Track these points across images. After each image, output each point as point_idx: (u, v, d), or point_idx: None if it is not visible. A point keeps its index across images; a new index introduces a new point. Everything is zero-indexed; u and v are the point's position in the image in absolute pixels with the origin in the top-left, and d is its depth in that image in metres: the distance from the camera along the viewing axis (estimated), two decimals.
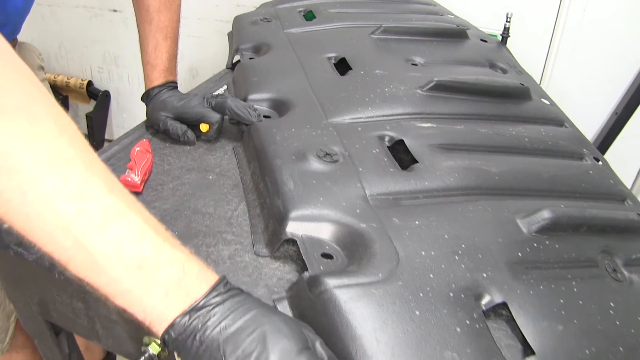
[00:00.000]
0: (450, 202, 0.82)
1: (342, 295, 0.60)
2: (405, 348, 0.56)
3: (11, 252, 0.77)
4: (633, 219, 0.92)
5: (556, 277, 0.73)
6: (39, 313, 0.85)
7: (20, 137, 0.50)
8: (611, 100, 2.04)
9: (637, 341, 0.70)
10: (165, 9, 1.10)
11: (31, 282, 0.81)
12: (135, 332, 0.73)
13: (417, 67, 1.26)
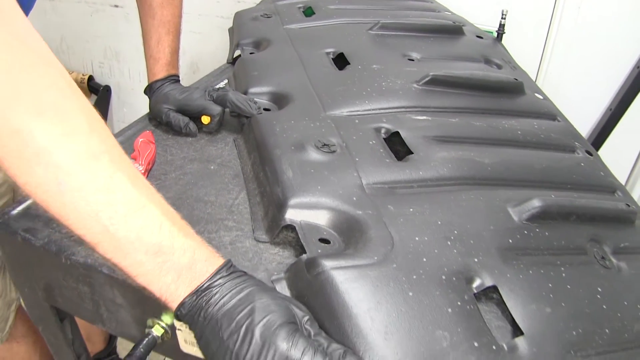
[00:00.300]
0: (443, 191, 0.85)
1: (338, 276, 0.63)
2: (399, 327, 0.59)
3: (19, 238, 0.80)
4: (622, 209, 0.95)
5: (545, 263, 0.76)
6: (45, 298, 0.88)
7: (58, 135, 0.56)
8: (606, 96, 2.07)
9: (622, 324, 0.73)
10: (167, 4, 1.12)
11: (38, 267, 0.83)
12: (139, 315, 0.76)
13: (413, 62, 1.29)
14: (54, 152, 0.56)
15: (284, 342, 0.56)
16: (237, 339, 0.57)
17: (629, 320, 0.74)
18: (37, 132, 0.55)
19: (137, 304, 0.75)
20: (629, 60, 1.99)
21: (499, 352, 0.61)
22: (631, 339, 0.72)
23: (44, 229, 0.80)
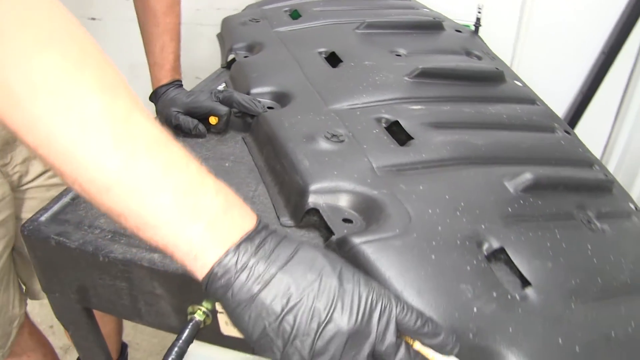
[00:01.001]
0: (445, 170, 0.93)
1: (368, 249, 0.71)
2: (428, 284, 0.68)
3: (52, 242, 0.83)
4: (602, 179, 1.05)
5: (541, 227, 0.85)
6: (77, 300, 0.92)
7: (88, 86, 0.51)
8: (577, 81, 2.20)
9: (611, 275, 0.82)
10: (170, 13, 1.19)
11: (72, 269, 0.87)
12: (178, 305, 0.82)
13: (401, 57, 1.38)
14: (86, 101, 0.50)
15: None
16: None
17: (616, 272, 0.84)
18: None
19: (177, 292, 0.81)
20: (596, 46, 2.11)
21: (514, 300, 0.70)
22: (619, 287, 0.82)
23: (76, 232, 0.84)
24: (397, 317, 0.57)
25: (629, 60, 2.15)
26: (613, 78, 2.17)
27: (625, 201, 1.07)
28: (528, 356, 0.65)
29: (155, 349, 2.09)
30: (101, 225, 0.85)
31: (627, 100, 2.19)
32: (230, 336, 0.81)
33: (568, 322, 0.71)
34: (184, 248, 0.54)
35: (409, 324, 0.57)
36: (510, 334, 0.66)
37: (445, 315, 0.65)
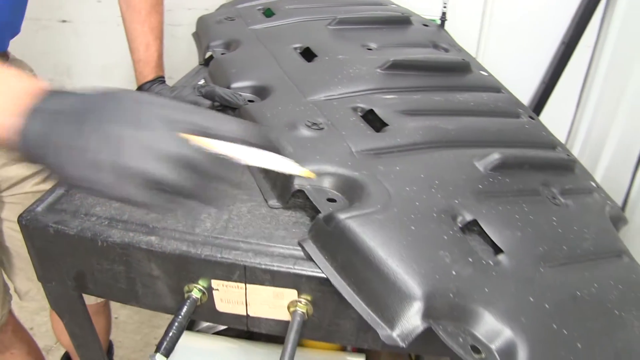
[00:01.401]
0: (419, 153, 1.00)
1: (352, 223, 0.77)
2: (410, 251, 0.74)
3: (51, 230, 0.87)
4: (564, 158, 1.13)
5: (510, 202, 0.93)
6: (74, 288, 0.96)
7: None
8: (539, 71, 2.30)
9: (575, 243, 0.90)
10: (155, 12, 1.24)
11: (69, 257, 0.91)
12: (175, 285, 0.87)
13: (372, 51, 1.44)
14: None
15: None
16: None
17: (580, 241, 0.92)
18: None
19: (174, 273, 0.85)
20: (556, 37, 2.21)
21: (488, 265, 0.77)
22: (582, 254, 0.89)
23: (73, 220, 0.88)
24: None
25: (587, 50, 2.26)
26: (574, 67, 2.27)
27: (587, 179, 1.15)
28: (503, 312, 0.71)
29: (137, 345, 2.13)
30: (97, 212, 0.89)
31: (588, 88, 2.29)
32: (225, 312, 0.87)
33: (538, 283, 0.78)
34: None
35: None
36: (487, 293, 0.73)
37: (427, 277, 0.72)
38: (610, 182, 2.01)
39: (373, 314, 0.72)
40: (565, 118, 2.41)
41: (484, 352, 0.69)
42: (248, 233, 0.85)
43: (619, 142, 2.03)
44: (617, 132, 2.04)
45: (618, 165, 2.01)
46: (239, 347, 1.40)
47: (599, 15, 2.20)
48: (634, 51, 1.97)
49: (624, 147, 1.98)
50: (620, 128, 2.03)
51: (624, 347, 0.78)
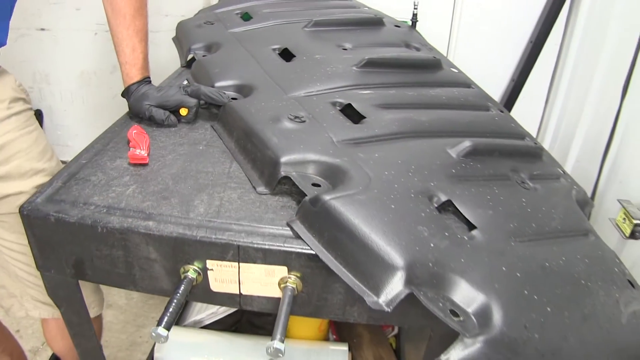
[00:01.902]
0: (396, 142, 1.07)
1: (337, 203, 0.83)
2: (391, 226, 0.81)
3: (52, 219, 0.92)
4: (532, 146, 1.21)
5: (481, 185, 1.00)
6: (73, 275, 1.01)
7: None
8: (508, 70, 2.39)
9: (544, 222, 0.97)
10: (139, 15, 1.28)
11: (69, 244, 0.96)
12: (171, 267, 0.92)
13: (347, 50, 1.51)
14: None
15: None
16: None
17: (548, 220, 0.98)
18: None
19: (171, 255, 0.91)
20: (524, 36, 2.30)
21: (463, 239, 0.84)
22: (550, 231, 0.96)
23: (73, 209, 0.94)
24: None
25: (554, 48, 2.35)
26: (542, 65, 2.36)
27: (555, 166, 1.23)
28: (478, 280, 0.78)
29: (123, 344, 2.16)
30: (95, 202, 0.94)
31: (556, 85, 2.38)
32: (219, 292, 0.92)
33: (509, 255, 0.85)
34: None
35: None
36: (462, 263, 0.80)
37: (408, 248, 0.78)
38: (579, 174, 2.10)
39: (360, 283, 0.79)
40: (535, 114, 2.50)
41: (462, 315, 0.76)
42: (239, 216, 0.91)
43: (587, 135, 2.12)
44: (585, 126, 2.13)
45: (586, 157, 2.10)
46: (225, 340, 1.45)
47: (564, 14, 2.29)
48: (598, 48, 2.06)
49: (591, 140, 2.07)
50: (587, 122, 2.12)
51: (590, 312, 0.85)
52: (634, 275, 1.00)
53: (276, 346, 0.76)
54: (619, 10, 1.93)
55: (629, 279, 0.98)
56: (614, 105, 1.76)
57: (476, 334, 0.74)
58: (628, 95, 1.71)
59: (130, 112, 1.30)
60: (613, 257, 1.01)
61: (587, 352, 0.82)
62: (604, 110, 1.94)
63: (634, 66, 1.68)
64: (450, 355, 0.73)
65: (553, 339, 0.79)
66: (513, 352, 0.75)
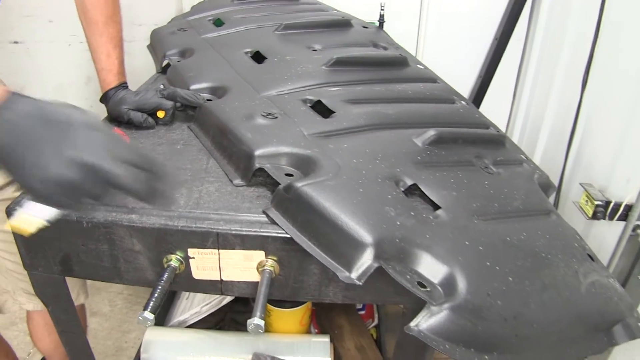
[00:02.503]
0: (364, 133, 1.13)
1: (308, 189, 0.89)
2: (359, 207, 0.86)
3: None
4: (494, 134, 1.27)
5: (446, 170, 1.06)
6: (60, 272, 1.05)
7: None
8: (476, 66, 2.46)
9: (506, 202, 1.03)
10: (112, 22, 1.33)
11: (56, 241, 1.00)
12: (155, 257, 0.97)
13: (317, 51, 1.57)
14: None
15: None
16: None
17: (510, 200, 1.05)
18: None
19: (154, 246, 0.95)
20: (490, 33, 2.38)
21: (428, 218, 0.90)
22: (512, 210, 1.03)
23: None
24: None
25: (519, 43, 2.44)
26: (508, 61, 2.45)
27: (518, 153, 1.29)
28: (442, 254, 0.84)
29: (109, 350, 2.19)
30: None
31: (522, 80, 2.46)
32: (201, 279, 0.97)
33: (472, 231, 0.91)
34: None
35: None
36: (428, 239, 0.86)
37: (376, 227, 0.84)
38: (548, 163, 2.18)
39: (332, 261, 0.84)
40: (504, 109, 2.58)
41: (429, 286, 0.82)
42: (218, 206, 0.96)
43: (552, 127, 2.19)
44: (550, 117, 2.20)
45: (553, 146, 2.18)
46: (210, 338, 1.49)
47: (527, 11, 2.38)
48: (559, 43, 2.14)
49: (556, 131, 2.15)
50: (552, 114, 2.19)
51: (551, 282, 0.91)
52: (600, 256, 1.07)
53: (256, 322, 0.82)
54: (577, 6, 2.01)
55: (589, 253, 1.05)
56: (576, 96, 1.83)
57: (442, 302, 0.80)
58: (588, 87, 1.79)
59: (109, 117, 1.34)
60: (573, 234, 1.08)
61: (547, 317, 0.88)
62: (567, 102, 2.02)
63: (592, 59, 1.76)
64: (419, 322, 0.79)
65: (514, 305, 0.85)
66: (477, 317, 0.81)
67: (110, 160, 0.74)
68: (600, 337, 0.97)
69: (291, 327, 1.57)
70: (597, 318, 0.96)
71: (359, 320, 1.75)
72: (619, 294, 1.01)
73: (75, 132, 0.74)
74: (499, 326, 0.83)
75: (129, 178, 0.76)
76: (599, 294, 0.97)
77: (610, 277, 1.03)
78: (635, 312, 1.00)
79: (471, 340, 0.81)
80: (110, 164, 0.74)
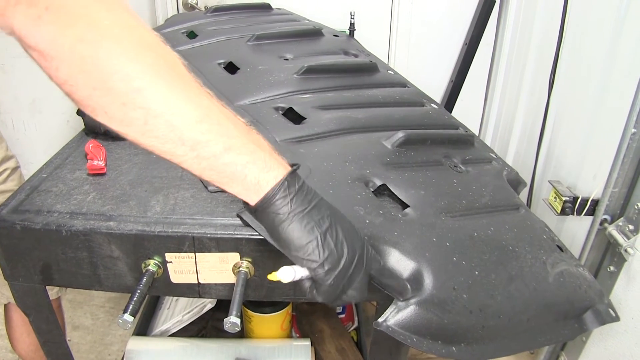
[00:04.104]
0: (334, 138, 1.16)
1: None
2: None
3: (18, 227, 0.98)
4: (463, 134, 1.31)
5: (415, 170, 1.10)
6: (40, 281, 1.06)
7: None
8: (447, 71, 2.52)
9: (474, 199, 1.07)
10: None
11: (36, 250, 1.01)
12: (134, 263, 0.99)
13: (289, 60, 1.60)
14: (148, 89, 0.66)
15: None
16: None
17: (478, 197, 1.09)
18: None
19: (132, 251, 0.98)
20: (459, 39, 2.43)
21: (397, 216, 0.93)
22: (480, 206, 1.06)
23: (37, 217, 1.00)
24: None
25: (488, 48, 2.49)
26: (478, 65, 2.50)
27: (487, 151, 1.33)
28: (410, 250, 0.87)
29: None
30: (59, 209, 1.01)
31: (492, 83, 2.52)
32: (179, 283, 1.00)
33: (439, 227, 0.95)
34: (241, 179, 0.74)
35: None
36: (395, 235, 0.89)
37: None
38: (520, 163, 2.23)
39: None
40: (476, 112, 2.64)
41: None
42: (193, 211, 0.99)
43: (523, 128, 2.25)
44: (520, 119, 2.26)
45: (524, 147, 2.23)
46: (192, 345, 1.51)
47: (495, 16, 2.43)
48: (526, 46, 2.20)
49: (527, 131, 2.20)
50: (522, 115, 2.25)
51: (517, 273, 0.95)
52: (572, 250, 1.11)
53: (232, 320, 0.84)
54: (542, 9, 2.07)
55: (558, 244, 1.08)
56: (544, 97, 1.88)
57: (409, 298, 0.84)
58: (555, 88, 1.84)
59: (86, 129, 1.36)
60: (542, 226, 1.12)
61: (514, 307, 0.92)
62: (536, 103, 2.07)
63: (557, 61, 1.81)
64: (387, 317, 0.82)
65: (480, 298, 0.89)
66: (443, 310, 0.84)
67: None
68: (571, 324, 1.00)
69: (272, 332, 1.59)
70: (566, 306, 0.99)
71: (339, 324, 1.78)
72: (588, 281, 1.04)
73: None
74: (465, 318, 0.86)
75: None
76: (567, 283, 1.00)
77: (580, 265, 1.07)
78: (605, 299, 1.04)
79: (438, 333, 0.85)
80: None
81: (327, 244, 0.75)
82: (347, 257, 0.76)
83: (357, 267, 0.78)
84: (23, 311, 1.14)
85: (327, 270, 0.76)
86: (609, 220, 1.47)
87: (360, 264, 0.79)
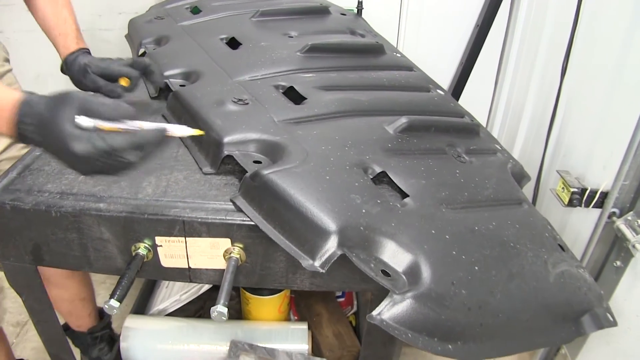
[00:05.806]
0: (335, 120, 1.12)
1: (274, 177, 0.89)
2: (324, 194, 0.86)
3: (7, 207, 0.96)
4: (468, 123, 1.27)
5: (416, 158, 1.06)
6: (31, 261, 1.04)
7: None
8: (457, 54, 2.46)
9: (476, 191, 1.03)
10: None
11: (26, 230, 0.99)
12: (123, 246, 0.97)
13: (293, 38, 1.56)
14: None
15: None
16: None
17: (481, 189, 1.05)
18: None
19: (122, 234, 0.95)
20: (471, 20, 2.37)
21: (395, 206, 0.90)
22: (482, 199, 1.03)
23: (28, 196, 0.97)
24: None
25: (501, 31, 2.43)
26: (489, 48, 2.44)
27: (492, 142, 1.29)
28: (407, 242, 0.84)
29: None
30: (49, 189, 0.98)
31: (503, 67, 2.46)
32: (169, 267, 0.97)
33: (439, 219, 0.91)
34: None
35: None
36: (393, 227, 0.86)
37: (340, 214, 0.84)
38: (528, 151, 2.19)
39: (296, 248, 0.84)
40: (486, 97, 2.58)
41: (393, 274, 0.82)
42: (185, 195, 0.96)
43: (532, 115, 2.20)
44: (530, 105, 2.21)
45: (533, 135, 2.18)
46: (189, 326, 1.49)
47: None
48: (539, 29, 2.14)
49: (536, 119, 2.15)
50: (532, 102, 2.20)
51: (518, 271, 0.92)
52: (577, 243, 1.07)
53: (219, 310, 0.82)
54: None
55: (560, 243, 1.05)
56: (555, 84, 1.83)
57: (405, 291, 0.80)
58: (567, 75, 1.79)
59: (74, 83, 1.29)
60: (545, 224, 1.08)
61: (513, 306, 0.89)
62: (547, 90, 2.02)
63: (571, 47, 1.76)
64: (382, 310, 0.79)
65: (480, 294, 0.86)
66: (440, 306, 0.81)
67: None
68: (569, 326, 0.97)
69: (270, 314, 1.57)
70: (565, 308, 0.96)
71: (337, 308, 1.75)
72: (588, 284, 1.01)
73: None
74: (463, 315, 0.83)
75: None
76: (567, 284, 0.97)
77: (580, 267, 1.04)
78: (603, 303, 1.01)
79: (434, 330, 0.81)
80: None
81: None
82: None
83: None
84: (16, 291, 1.12)
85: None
86: (617, 213, 1.42)
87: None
